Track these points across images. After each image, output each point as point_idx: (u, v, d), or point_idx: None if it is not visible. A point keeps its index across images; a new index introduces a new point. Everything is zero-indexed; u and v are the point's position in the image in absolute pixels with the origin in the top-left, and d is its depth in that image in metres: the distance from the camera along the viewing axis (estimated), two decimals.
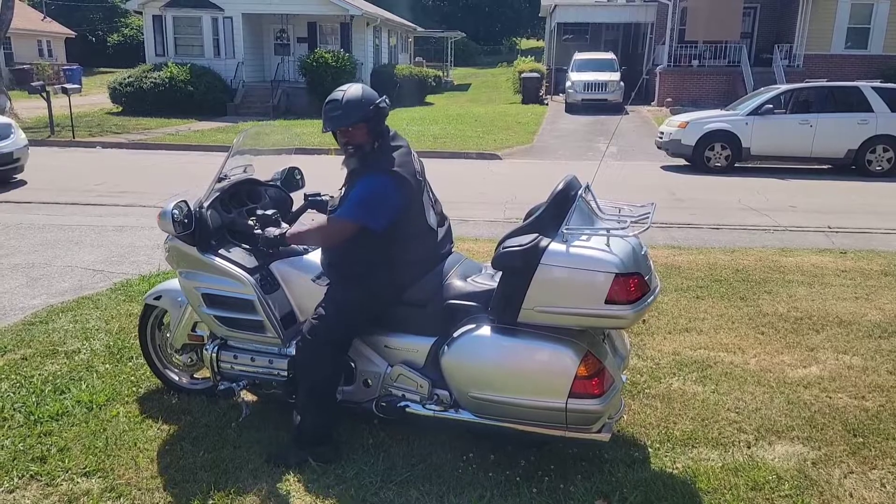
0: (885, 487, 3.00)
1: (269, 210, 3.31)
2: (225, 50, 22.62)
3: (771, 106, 12.33)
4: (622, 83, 22.16)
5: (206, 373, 3.63)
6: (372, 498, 2.88)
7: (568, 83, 22.76)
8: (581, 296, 2.72)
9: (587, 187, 3.01)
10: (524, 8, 49.77)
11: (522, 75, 25.59)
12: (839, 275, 6.12)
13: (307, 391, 3.12)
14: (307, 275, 3.31)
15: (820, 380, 4.00)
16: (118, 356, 4.23)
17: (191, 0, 22.08)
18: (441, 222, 3.29)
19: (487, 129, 17.64)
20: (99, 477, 3.02)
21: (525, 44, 53.30)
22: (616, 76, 22.32)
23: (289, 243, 3.17)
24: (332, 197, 3.35)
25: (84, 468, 3.07)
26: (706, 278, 5.95)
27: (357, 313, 3.10)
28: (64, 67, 32.16)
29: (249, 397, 3.56)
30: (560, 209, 2.85)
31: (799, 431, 3.43)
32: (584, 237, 2.78)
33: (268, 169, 3.78)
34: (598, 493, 2.91)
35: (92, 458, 3.14)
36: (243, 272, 3.24)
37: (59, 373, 4.00)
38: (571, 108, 22.30)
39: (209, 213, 3.28)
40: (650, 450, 3.25)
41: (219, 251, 3.29)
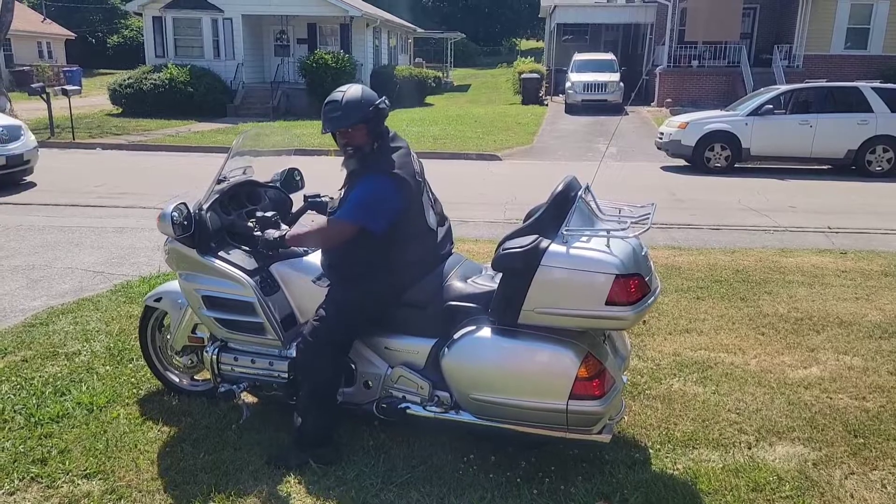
0: (886, 488, 3.00)
1: (269, 212, 3.31)
2: (225, 51, 22.63)
3: (771, 106, 12.32)
4: (622, 84, 22.16)
5: (206, 374, 3.63)
6: (373, 500, 2.88)
7: (568, 84, 22.77)
8: (581, 297, 2.72)
9: (587, 188, 3.01)
10: (524, 9, 49.78)
11: (522, 76, 25.60)
12: (839, 275, 6.12)
13: (308, 393, 3.12)
14: (307, 276, 3.31)
15: (820, 380, 4.00)
16: (118, 358, 4.23)
17: (190, 1, 22.08)
18: (441, 222, 3.29)
19: (487, 129, 17.64)
20: (99, 479, 3.03)
21: (525, 44, 53.35)
22: (616, 77, 22.32)
23: (288, 245, 3.16)
24: (332, 198, 3.35)
25: (84, 470, 3.07)
26: (706, 279, 5.95)
27: (357, 314, 3.10)
28: (64, 69, 32.15)
29: (250, 399, 3.56)
30: (560, 210, 2.85)
31: (800, 432, 3.43)
32: (584, 238, 2.78)
33: (267, 170, 3.78)
34: (598, 494, 2.91)
35: (92, 460, 3.14)
36: (243, 274, 3.24)
37: (60, 374, 4.00)
38: (571, 109, 22.32)
39: (209, 215, 3.28)
40: (651, 451, 3.25)
41: (219, 253, 3.29)
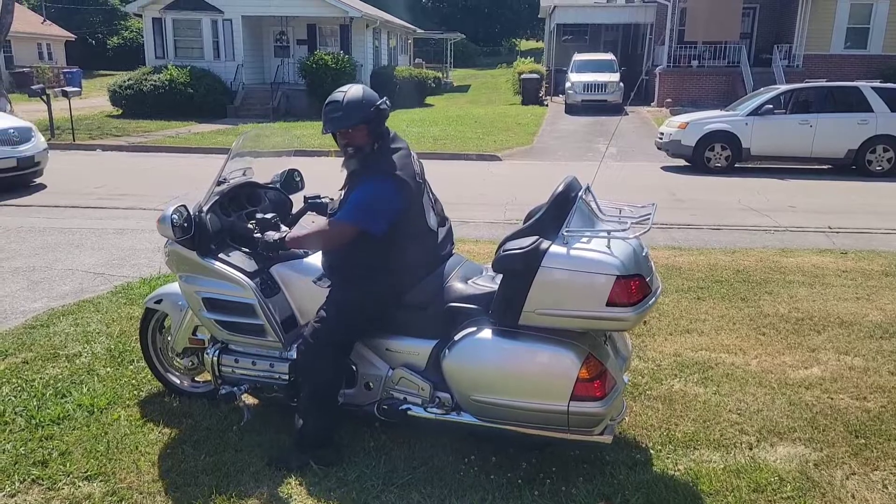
0: (888, 489, 3.00)
1: (269, 213, 3.31)
2: (225, 52, 22.64)
3: (771, 106, 12.32)
4: (622, 84, 22.15)
5: (207, 376, 3.62)
6: (373, 501, 2.88)
7: (567, 84, 22.77)
8: (582, 298, 2.72)
9: (587, 188, 3.00)
10: (523, 9, 49.79)
11: (522, 76, 25.60)
12: (840, 275, 6.12)
13: (309, 394, 3.12)
14: (307, 278, 3.30)
15: (821, 381, 4.00)
16: (119, 360, 4.23)
17: (190, 2, 22.09)
18: (442, 223, 3.28)
19: (487, 130, 17.64)
20: (100, 481, 3.02)
21: (524, 45, 53.34)
22: (615, 77, 22.32)
23: (288, 247, 3.16)
24: (332, 199, 3.35)
25: (85, 472, 3.07)
26: (707, 279, 5.95)
27: (358, 315, 3.09)
28: (64, 70, 32.15)
29: (251, 401, 3.55)
30: (560, 211, 2.85)
31: (801, 433, 3.43)
32: (584, 239, 2.78)
33: (267, 171, 3.78)
34: (600, 495, 2.91)
35: (93, 462, 3.14)
36: (243, 276, 3.24)
37: (60, 376, 4.00)
38: (571, 109, 22.31)
39: (209, 217, 3.28)
40: (652, 452, 3.25)
41: (219, 255, 3.29)
